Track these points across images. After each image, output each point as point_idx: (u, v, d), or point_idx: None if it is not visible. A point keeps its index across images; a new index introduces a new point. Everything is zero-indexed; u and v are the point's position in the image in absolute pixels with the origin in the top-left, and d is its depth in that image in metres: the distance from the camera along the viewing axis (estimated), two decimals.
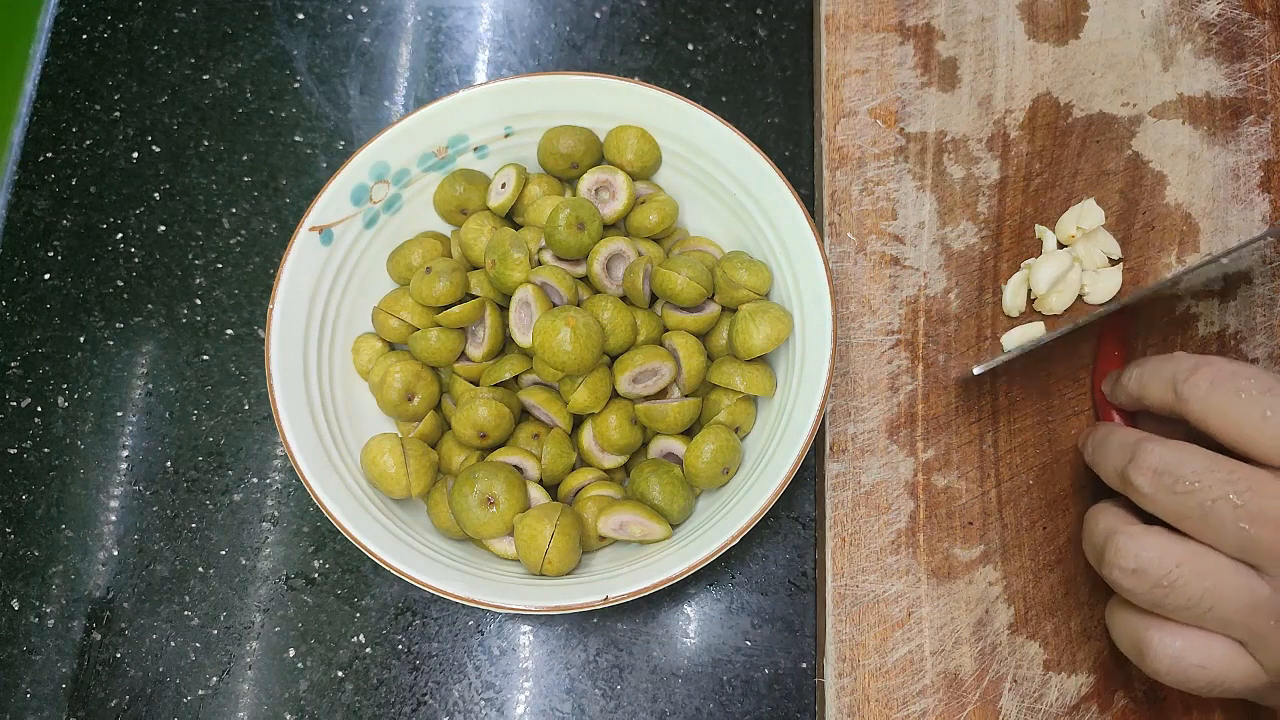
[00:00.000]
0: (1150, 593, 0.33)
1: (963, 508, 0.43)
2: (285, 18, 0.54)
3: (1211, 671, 0.33)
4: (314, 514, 0.45)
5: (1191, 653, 0.33)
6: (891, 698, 0.40)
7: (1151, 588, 0.33)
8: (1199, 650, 0.33)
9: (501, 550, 0.40)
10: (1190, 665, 0.33)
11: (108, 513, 0.45)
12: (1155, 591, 0.33)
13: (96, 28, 0.54)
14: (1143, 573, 0.33)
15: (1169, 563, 0.32)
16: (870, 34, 0.50)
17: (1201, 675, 0.33)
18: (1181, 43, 0.49)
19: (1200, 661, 0.33)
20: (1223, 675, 0.33)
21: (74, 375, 0.48)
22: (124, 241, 0.50)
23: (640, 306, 0.42)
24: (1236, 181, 0.47)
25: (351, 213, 0.43)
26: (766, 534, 0.45)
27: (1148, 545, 0.33)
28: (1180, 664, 0.33)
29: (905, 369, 0.45)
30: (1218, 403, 0.33)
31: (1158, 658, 0.33)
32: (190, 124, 0.52)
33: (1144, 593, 0.33)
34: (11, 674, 0.43)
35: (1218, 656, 0.33)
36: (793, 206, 0.41)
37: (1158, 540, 0.33)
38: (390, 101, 0.52)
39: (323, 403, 0.41)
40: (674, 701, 0.42)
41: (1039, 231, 0.46)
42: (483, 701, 0.43)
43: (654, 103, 0.44)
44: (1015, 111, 0.49)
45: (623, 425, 0.41)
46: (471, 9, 0.54)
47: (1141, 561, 0.33)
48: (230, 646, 0.43)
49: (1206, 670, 0.33)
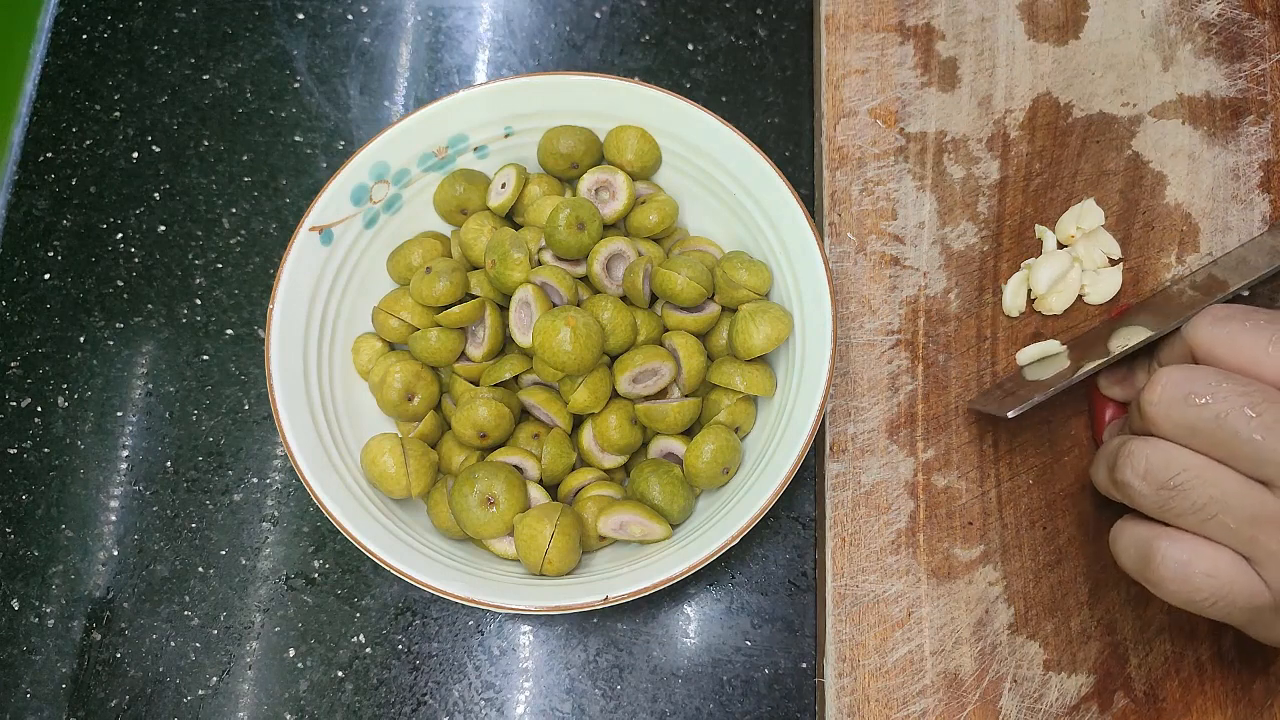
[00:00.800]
0: (1157, 494, 0.33)
1: (963, 508, 0.43)
2: (285, 18, 0.54)
3: (1217, 581, 0.33)
4: (314, 514, 0.45)
5: (1199, 561, 0.33)
6: (891, 698, 0.40)
7: (1158, 489, 0.33)
8: (1206, 559, 0.33)
9: (501, 550, 0.40)
10: (1196, 573, 0.33)
11: (108, 513, 0.45)
12: (1161, 493, 0.33)
13: (96, 28, 0.54)
14: (1151, 474, 0.33)
15: (1177, 466, 0.33)
16: (870, 34, 0.50)
17: (1207, 585, 0.33)
18: (1181, 43, 0.49)
19: (1207, 570, 0.33)
20: (1228, 588, 0.33)
21: (74, 375, 0.48)
22: (124, 241, 0.50)
23: (640, 306, 0.42)
24: (1236, 181, 0.47)
25: (351, 213, 0.43)
26: (766, 534, 0.45)
27: (1159, 448, 0.33)
28: (1186, 570, 0.33)
29: (905, 369, 0.45)
30: (1225, 331, 0.33)
31: (1164, 563, 0.33)
32: (190, 124, 0.52)
33: (1151, 494, 0.33)
34: (11, 674, 0.43)
35: (1224, 567, 0.33)
36: (793, 206, 0.41)
37: (1169, 446, 0.33)
38: (390, 101, 0.52)
39: (323, 403, 0.41)
40: (674, 701, 0.42)
41: (1039, 231, 0.46)
42: (483, 701, 0.43)
43: (654, 103, 0.44)
44: (1015, 111, 0.49)
45: (623, 425, 0.41)
46: (471, 9, 0.54)
47: (1151, 464, 0.33)
48: (230, 646, 0.43)
49: (1213, 580, 0.33)
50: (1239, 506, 0.32)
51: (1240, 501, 0.32)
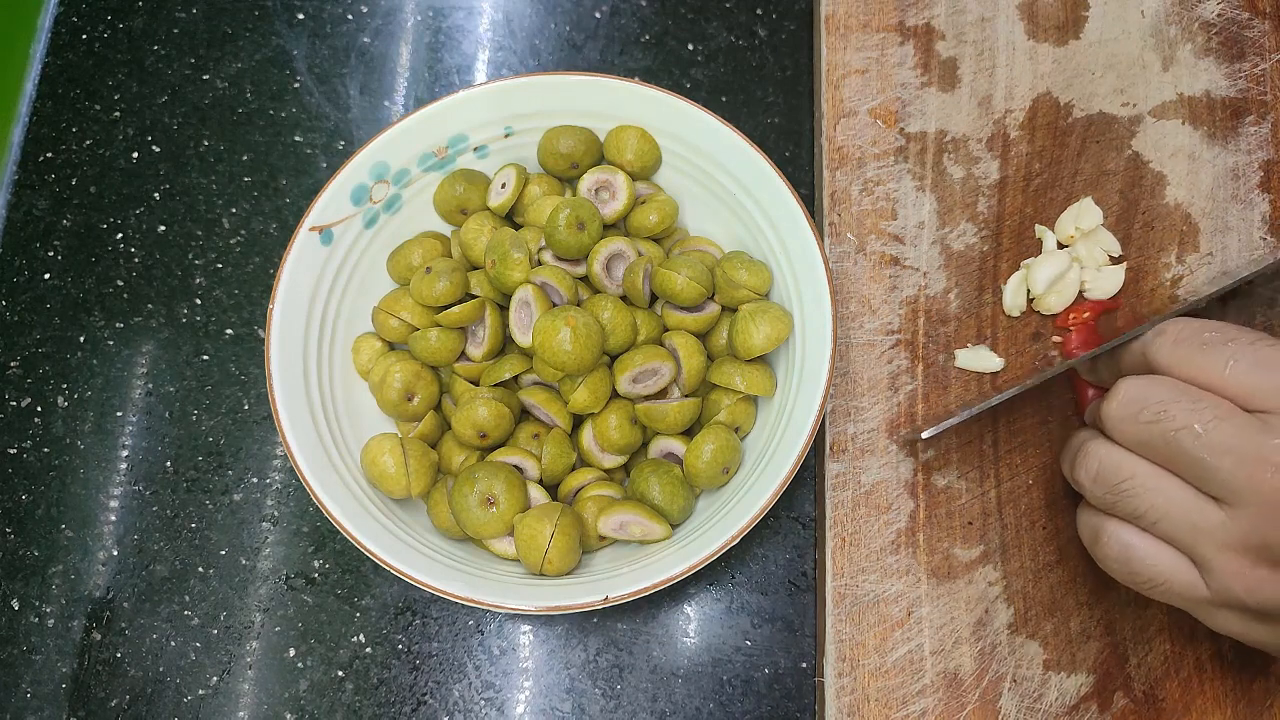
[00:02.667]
0: (1104, 496, 0.35)
1: (963, 508, 0.43)
2: (285, 18, 0.54)
3: (1151, 571, 0.35)
4: (314, 514, 0.45)
5: (1139, 548, 0.35)
6: (891, 697, 0.40)
7: (1105, 492, 0.35)
8: (1147, 549, 0.35)
9: (501, 550, 0.40)
10: (1136, 556, 0.35)
11: (108, 513, 0.45)
12: (1108, 496, 0.35)
13: (96, 28, 0.54)
14: (1101, 478, 0.35)
15: (1125, 472, 0.35)
16: (870, 34, 0.50)
17: (1146, 569, 0.35)
18: (1181, 43, 0.49)
19: (1145, 558, 0.35)
20: (1167, 575, 0.34)
21: (74, 375, 0.48)
22: (124, 241, 0.50)
23: (640, 306, 0.42)
24: (1236, 181, 0.47)
25: (351, 213, 0.43)
26: (766, 534, 0.45)
27: (1112, 453, 0.35)
28: (1128, 551, 0.35)
29: (905, 369, 0.45)
30: (1184, 356, 0.35)
31: (1109, 543, 0.36)
32: (190, 124, 0.52)
33: (1100, 495, 0.36)
34: (11, 674, 0.43)
35: (1164, 560, 0.34)
36: (793, 206, 0.41)
37: (1121, 452, 0.35)
38: (390, 101, 0.52)
39: (323, 403, 0.41)
40: (674, 701, 0.42)
41: (1039, 231, 0.46)
42: (483, 701, 0.43)
43: (654, 103, 0.44)
44: (1015, 111, 0.49)
45: (623, 425, 0.41)
46: (471, 9, 0.54)
47: (1103, 467, 0.35)
48: (230, 646, 0.43)
49: (1148, 567, 0.35)
50: (1181, 516, 0.33)
51: (1183, 511, 0.33)
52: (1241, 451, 0.32)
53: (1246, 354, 0.33)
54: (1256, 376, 0.32)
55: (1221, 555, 0.33)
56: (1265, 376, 0.32)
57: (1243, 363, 0.33)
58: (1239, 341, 0.33)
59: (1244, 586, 0.33)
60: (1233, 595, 0.33)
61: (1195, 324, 0.35)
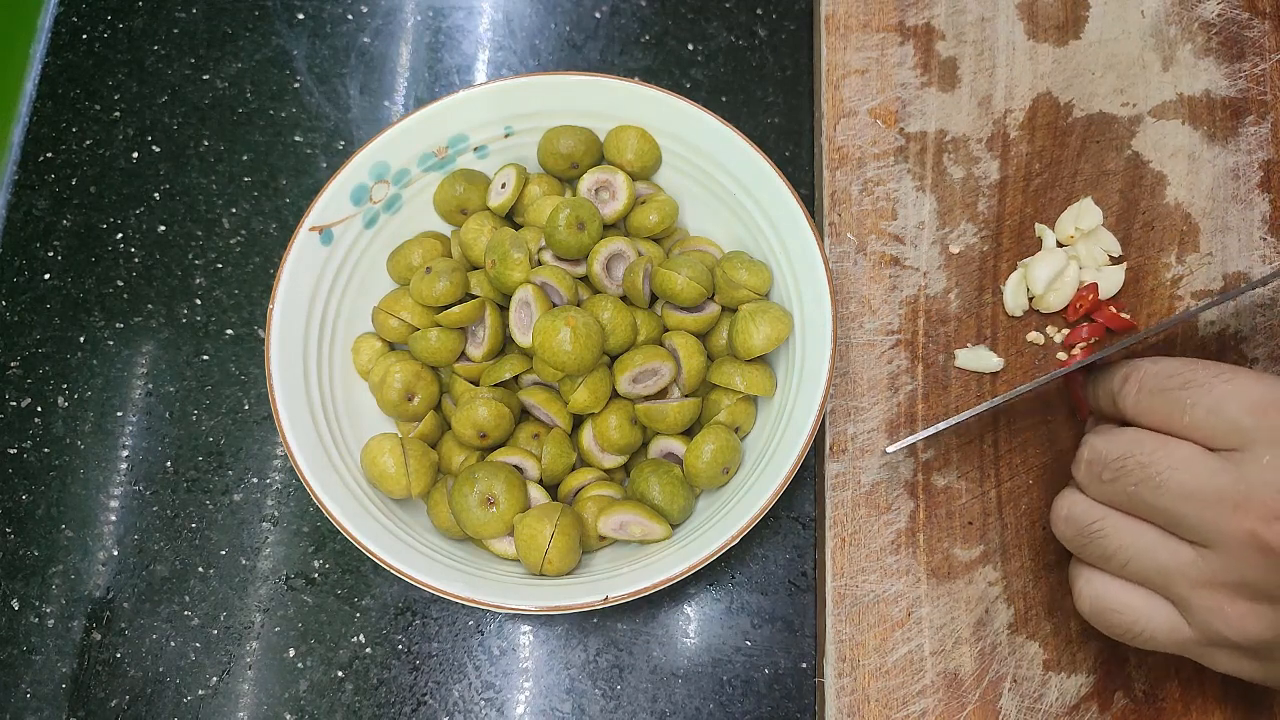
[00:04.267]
0: (1075, 540, 0.36)
1: (963, 508, 0.43)
2: (285, 18, 0.54)
3: (1127, 619, 0.35)
4: (314, 514, 0.45)
5: (1110, 598, 0.35)
6: (891, 698, 0.40)
7: (1075, 535, 0.36)
8: (1118, 598, 0.35)
9: (501, 550, 0.40)
10: (1108, 609, 0.35)
11: (108, 513, 0.45)
12: (1078, 539, 0.36)
13: (96, 28, 0.54)
14: (1071, 520, 0.36)
15: (1093, 515, 0.35)
16: (870, 34, 0.50)
17: (1118, 620, 0.35)
18: (1181, 43, 0.49)
19: (1117, 608, 0.35)
20: (1142, 623, 0.34)
21: (74, 375, 0.48)
22: (124, 241, 0.50)
23: (640, 306, 0.42)
24: (1236, 181, 0.47)
25: (351, 213, 0.43)
26: (766, 534, 0.45)
27: (1079, 500, 0.36)
28: (1098, 604, 0.35)
29: (905, 369, 0.45)
30: (1147, 405, 0.35)
31: (1080, 596, 0.36)
32: (190, 124, 0.52)
33: (1072, 539, 0.36)
34: (11, 674, 0.43)
35: (1138, 606, 0.34)
36: (793, 206, 0.41)
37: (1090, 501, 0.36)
38: (390, 101, 0.52)
39: (323, 403, 0.41)
40: (674, 701, 0.42)
41: (1039, 230, 0.46)
42: (483, 701, 0.43)
43: (654, 103, 0.44)
44: (1015, 111, 0.49)
45: (623, 425, 0.41)
46: (471, 9, 0.54)
47: (1073, 511, 0.36)
48: (230, 646, 0.43)
49: (1122, 616, 0.35)
50: (1150, 556, 0.34)
51: (1152, 551, 0.34)
52: (1203, 496, 0.32)
53: (1202, 398, 0.33)
54: (1213, 419, 0.32)
55: (1197, 592, 0.33)
56: (1221, 418, 0.32)
57: (1199, 407, 0.33)
58: (1194, 385, 0.33)
59: (1225, 623, 0.32)
60: (1216, 632, 0.33)
61: (1158, 368, 0.35)
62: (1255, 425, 0.32)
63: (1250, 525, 0.31)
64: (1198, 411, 0.33)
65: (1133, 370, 0.36)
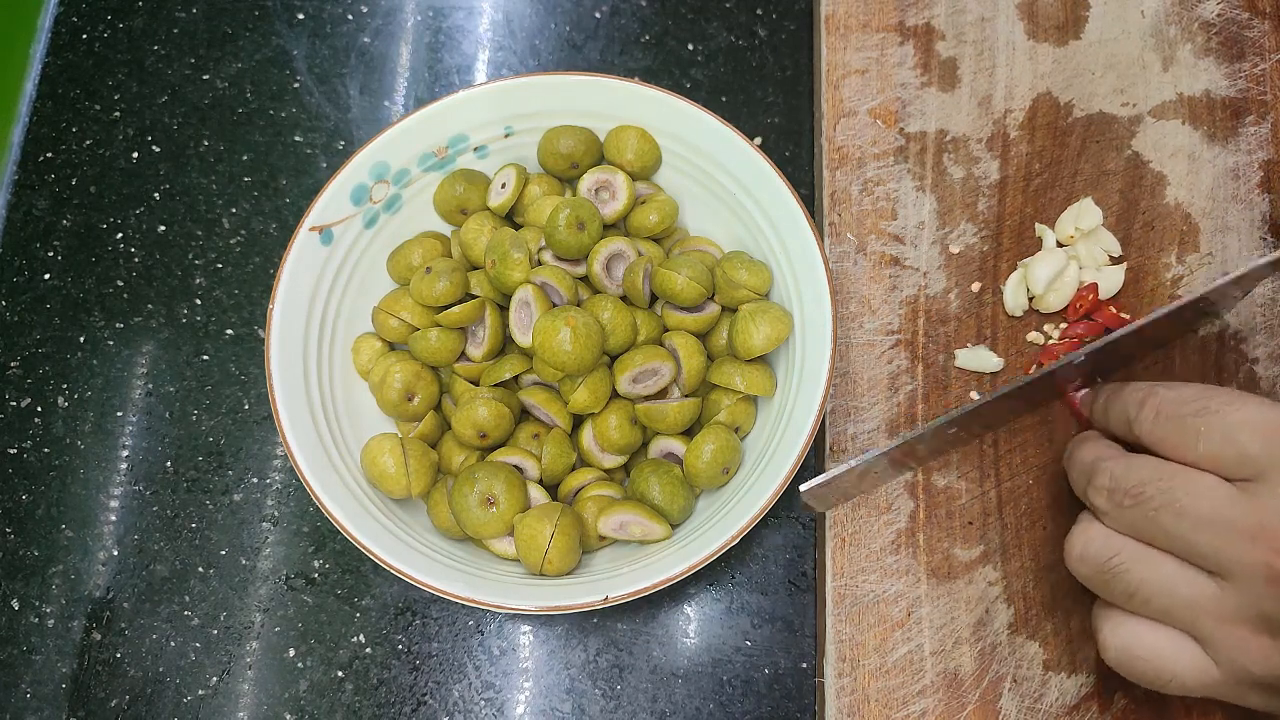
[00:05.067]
0: (1094, 577, 0.35)
1: (963, 508, 0.43)
2: (285, 18, 0.54)
3: (1155, 664, 0.34)
4: (314, 514, 0.45)
5: (1136, 644, 0.34)
6: (891, 698, 0.40)
7: (1095, 573, 0.35)
8: (1144, 642, 0.34)
9: (501, 550, 0.40)
10: (1135, 656, 0.34)
11: (108, 513, 0.45)
12: (1099, 577, 0.35)
13: (96, 28, 0.54)
14: (1087, 559, 0.35)
15: (1113, 550, 0.34)
16: (870, 34, 0.50)
17: (1147, 667, 0.34)
18: (1181, 43, 0.49)
19: (1144, 654, 0.34)
20: (1170, 668, 0.34)
21: (74, 375, 0.48)
22: (124, 241, 0.50)
23: (640, 306, 0.42)
24: (1236, 181, 0.47)
25: (351, 213, 0.43)
26: (766, 534, 0.45)
27: (1094, 535, 0.35)
28: (1126, 654, 0.34)
29: (905, 369, 0.45)
30: (1163, 433, 0.34)
31: (1105, 646, 0.35)
32: (190, 124, 0.52)
33: (1090, 576, 0.35)
34: (11, 674, 0.43)
35: (1164, 649, 0.34)
36: (793, 206, 0.41)
37: (1102, 530, 0.35)
38: (390, 101, 0.52)
39: (323, 403, 0.41)
40: (674, 701, 0.42)
41: (1039, 230, 0.46)
42: (483, 701, 0.43)
43: (654, 103, 0.44)
44: (1015, 111, 0.49)
45: (623, 425, 0.41)
46: (471, 9, 0.54)
47: (1088, 550, 0.35)
48: (230, 646, 0.43)
49: (1150, 663, 0.34)
50: (1173, 591, 0.33)
51: (1174, 585, 0.33)
52: (1220, 525, 0.32)
53: (1215, 425, 0.33)
54: (1226, 448, 0.32)
55: (1222, 628, 0.32)
56: (1233, 447, 0.32)
57: (1214, 435, 0.32)
58: (1208, 413, 0.33)
59: (1250, 659, 0.32)
60: (1243, 670, 0.32)
61: (1174, 394, 0.35)
62: (1266, 454, 0.31)
63: (1266, 557, 0.31)
64: (1212, 439, 0.32)
65: (1149, 395, 0.35)
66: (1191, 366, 0.44)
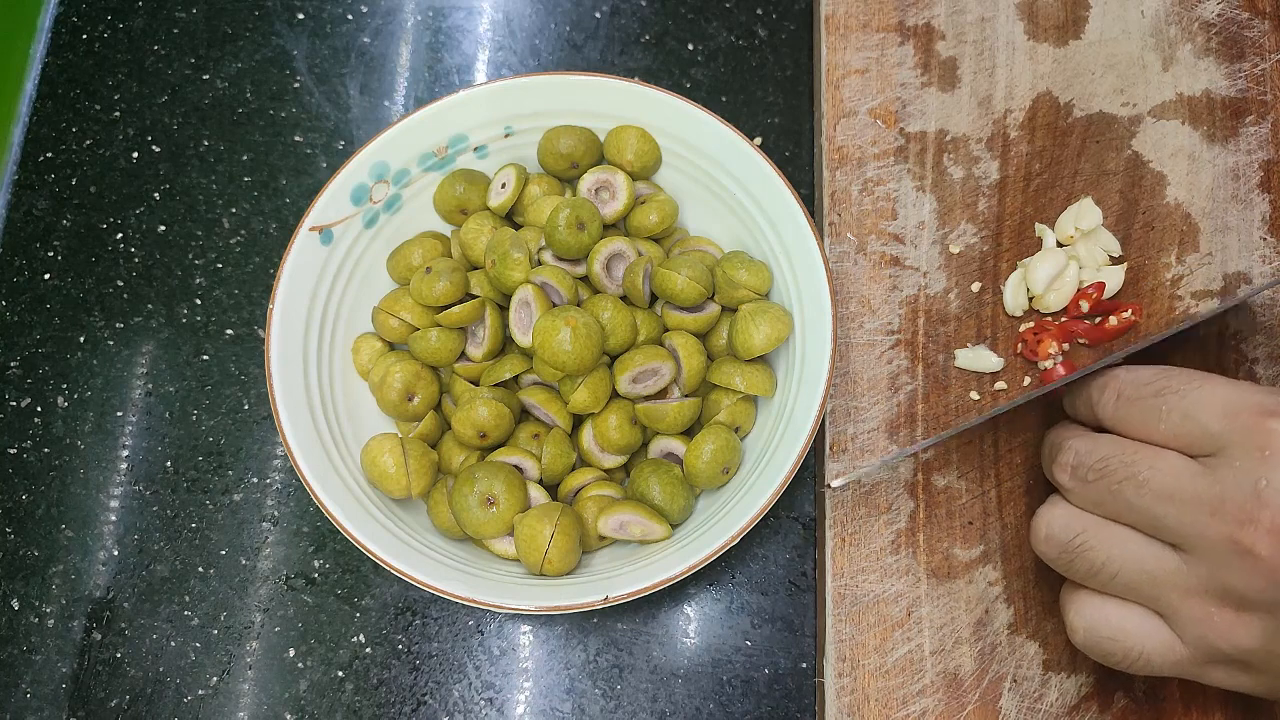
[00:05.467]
0: (1059, 558, 0.36)
1: (963, 508, 0.43)
2: (285, 18, 0.54)
3: (1124, 644, 0.34)
4: (314, 514, 0.45)
5: (1103, 624, 0.34)
6: (891, 698, 0.40)
7: (1059, 553, 0.35)
8: (1110, 622, 0.34)
9: (501, 550, 0.40)
10: (1102, 636, 0.34)
11: (108, 513, 0.45)
12: (1063, 557, 0.35)
13: (96, 28, 0.54)
14: (1052, 539, 0.36)
15: (1076, 528, 0.35)
16: (870, 34, 0.50)
17: (1114, 646, 0.34)
18: (1181, 43, 0.49)
19: (1111, 633, 0.34)
20: (1138, 647, 0.34)
21: (74, 375, 0.48)
22: (124, 241, 0.50)
23: (640, 306, 0.42)
24: (1236, 181, 0.47)
25: (351, 213, 0.43)
26: (766, 534, 0.45)
27: (1057, 515, 0.36)
28: (1093, 634, 0.35)
29: (905, 369, 0.45)
30: (1124, 414, 0.35)
31: (1072, 629, 0.35)
32: (190, 124, 0.52)
33: (1055, 558, 0.36)
34: (11, 674, 0.43)
35: (1131, 629, 0.34)
36: (793, 206, 0.41)
37: (1070, 511, 0.35)
38: (390, 101, 0.52)
39: (323, 403, 0.41)
40: (674, 701, 0.42)
41: (1039, 230, 0.46)
42: (483, 701, 0.43)
43: (654, 103, 0.44)
44: (1015, 111, 0.49)
45: (623, 425, 0.41)
46: (471, 9, 0.54)
47: (1052, 529, 0.36)
48: (230, 646, 0.43)
49: (1118, 642, 0.34)
50: (1138, 565, 0.33)
51: (1139, 559, 0.33)
52: (1183, 498, 0.32)
53: (1176, 404, 0.33)
54: (1188, 425, 0.33)
55: (1186, 602, 0.33)
56: (1194, 423, 0.33)
57: (1174, 414, 0.33)
58: (1169, 392, 0.34)
59: (1215, 633, 0.32)
60: (1209, 645, 0.33)
61: (1133, 376, 0.35)
62: (1227, 430, 0.32)
63: (1228, 530, 0.31)
64: (1173, 418, 0.33)
65: (1110, 379, 0.36)
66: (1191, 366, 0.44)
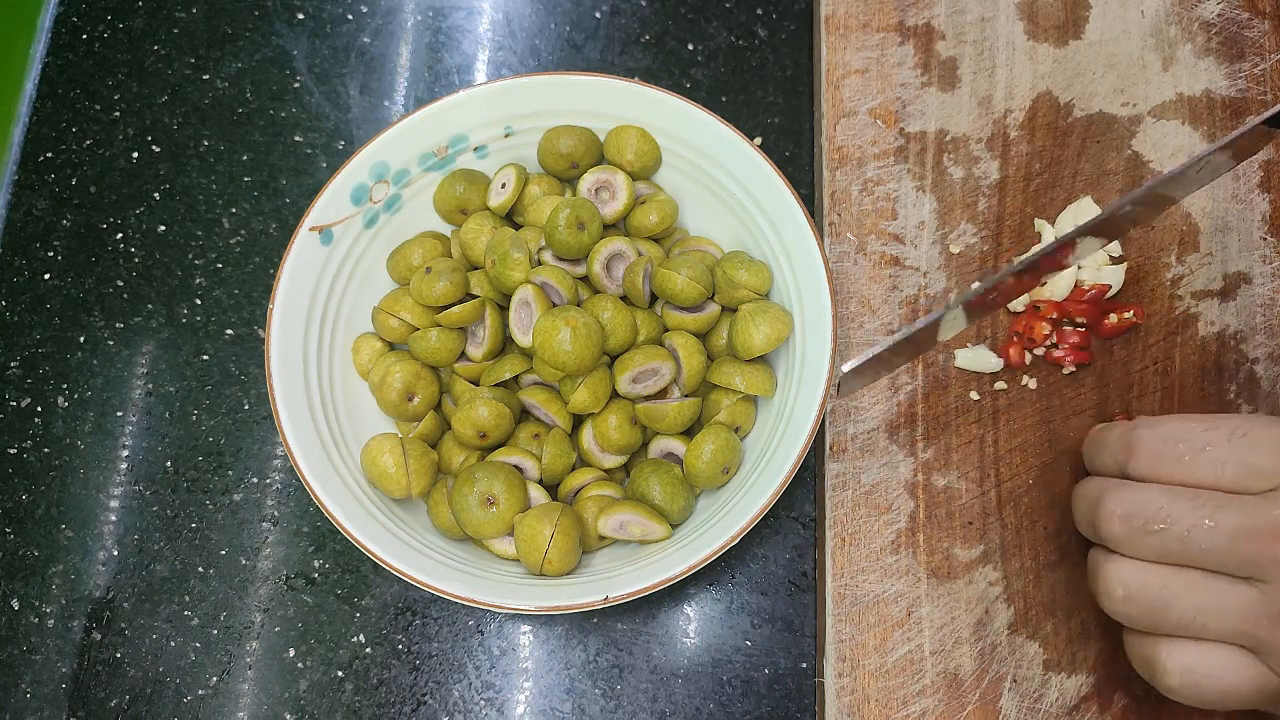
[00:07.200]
0: (1146, 617, 0.34)
1: (963, 508, 0.43)
2: (285, 18, 0.54)
3: (1222, 681, 0.34)
4: (314, 514, 0.45)
5: (1200, 664, 0.34)
6: (891, 698, 0.40)
7: (1145, 612, 0.34)
8: (1206, 661, 0.34)
9: (501, 550, 0.40)
10: (1200, 677, 0.34)
11: (108, 513, 0.45)
12: (1152, 615, 0.34)
13: (96, 28, 0.54)
14: (1132, 599, 0.34)
15: (1153, 585, 0.34)
16: (870, 34, 0.50)
17: (1212, 686, 0.34)
18: (1181, 43, 0.49)
19: (1209, 672, 0.34)
20: (1234, 684, 0.33)
21: (74, 375, 0.48)
22: (124, 241, 0.50)
23: (640, 306, 0.42)
24: (1236, 181, 0.47)
25: (351, 213, 0.43)
26: (766, 534, 0.45)
27: (1127, 572, 0.35)
28: (1190, 676, 0.34)
29: (905, 369, 0.45)
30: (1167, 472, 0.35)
31: (1168, 673, 0.34)
32: (190, 124, 0.52)
33: (1141, 617, 0.34)
34: (11, 674, 0.43)
35: (1226, 665, 0.33)
36: (793, 206, 0.41)
37: (1133, 565, 0.35)
38: (390, 101, 0.52)
39: (323, 403, 0.41)
40: (674, 701, 0.42)
41: (1038, 226, 0.46)
42: (483, 701, 0.43)
43: (654, 103, 0.44)
44: (1015, 111, 0.49)
45: (623, 425, 0.41)
46: (471, 9, 0.54)
47: (1130, 589, 0.34)
48: (230, 646, 0.43)
49: (1216, 680, 0.34)
50: (1225, 607, 0.33)
51: (1221, 600, 0.33)
52: (1253, 529, 0.32)
53: (1230, 456, 0.33)
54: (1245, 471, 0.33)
55: (1274, 632, 0.32)
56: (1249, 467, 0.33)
57: (1229, 465, 0.33)
58: (1216, 445, 0.34)
59: None
60: None
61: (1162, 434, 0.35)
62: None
63: None
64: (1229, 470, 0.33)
65: (1135, 441, 0.35)
66: (1191, 366, 0.44)
